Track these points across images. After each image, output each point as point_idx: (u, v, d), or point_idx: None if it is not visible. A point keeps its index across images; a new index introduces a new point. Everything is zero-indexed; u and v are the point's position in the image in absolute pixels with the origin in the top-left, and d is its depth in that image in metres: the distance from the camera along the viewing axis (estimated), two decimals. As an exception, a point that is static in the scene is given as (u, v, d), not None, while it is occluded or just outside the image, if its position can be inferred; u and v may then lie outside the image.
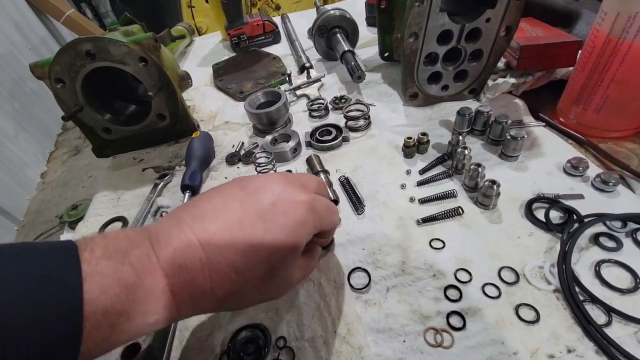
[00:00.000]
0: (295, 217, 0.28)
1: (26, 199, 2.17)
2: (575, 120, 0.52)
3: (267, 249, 0.26)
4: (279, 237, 0.26)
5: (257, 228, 0.26)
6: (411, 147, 0.53)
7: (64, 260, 0.20)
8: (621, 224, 0.39)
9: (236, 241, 0.25)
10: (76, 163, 2.69)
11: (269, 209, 0.27)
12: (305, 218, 0.28)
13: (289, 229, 0.27)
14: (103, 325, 0.20)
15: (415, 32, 0.53)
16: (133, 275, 0.22)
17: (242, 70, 0.87)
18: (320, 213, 0.30)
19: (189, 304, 0.24)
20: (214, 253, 0.25)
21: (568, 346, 0.32)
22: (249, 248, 0.25)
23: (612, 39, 0.44)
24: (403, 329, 0.35)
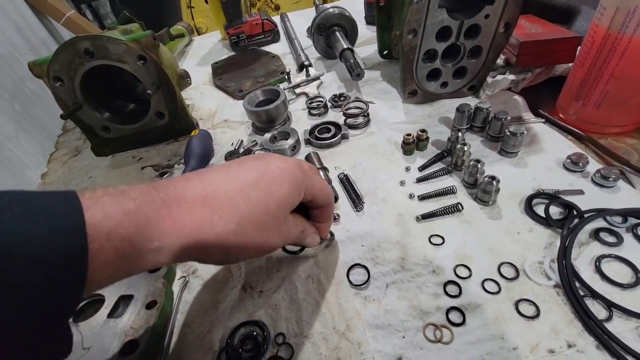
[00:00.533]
0: (290, 167, 0.31)
1: (26, 200, 2.17)
2: (574, 116, 0.52)
3: (263, 190, 0.29)
4: (274, 182, 0.29)
5: (252, 170, 0.30)
6: (410, 144, 0.53)
7: (64, 197, 0.21)
8: (621, 219, 0.39)
9: (233, 179, 0.28)
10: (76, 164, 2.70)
11: (261, 163, 0.31)
12: (296, 171, 0.31)
13: (282, 177, 0.30)
14: (107, 249, 0.21)
15: (414, 28, 0.53)
16: (134, 205, 0.23)
17: (241, 69, 0.87)
18: (313, 174, 0.34)
19: (191, 235, 0.25)
20: (214, 188, 0.27)
21: (568, 341, 0.31)
22: (245, 184, 0.28)
23: (611, 34, 0.44)
24: (402, 325, 0.35)
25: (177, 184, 0.27)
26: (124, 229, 0.22)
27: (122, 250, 0.22)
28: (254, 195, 0.28)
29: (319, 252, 0.43)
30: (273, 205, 0.29)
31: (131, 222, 0.22)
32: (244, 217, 0.27)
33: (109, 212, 0.22)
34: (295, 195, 0.31)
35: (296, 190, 0.31)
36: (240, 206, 0.27)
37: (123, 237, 0.22)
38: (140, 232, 0.23)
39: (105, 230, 0.21)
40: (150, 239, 0.23)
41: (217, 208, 0.26)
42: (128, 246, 0.22)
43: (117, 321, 0.36)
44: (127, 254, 0.22)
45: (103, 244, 0.21)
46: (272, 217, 0.29)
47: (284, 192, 0.30)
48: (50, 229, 0.19)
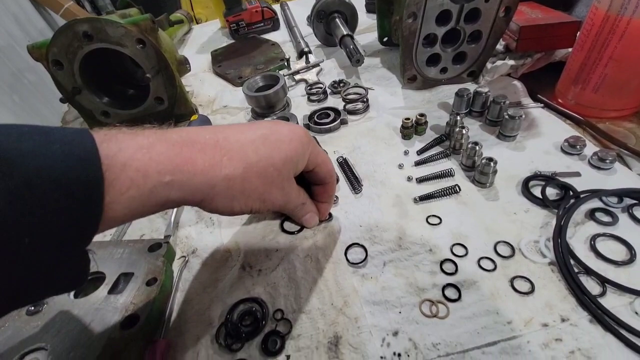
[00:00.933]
0: (298, 129, 0.33)
1: (27, 191, 2.17)
2: (573, 100, 0.52)
3: (271, 145, 0.30)
4: (282, 140, 0.31)
5: (261, 128, 0.31)
6: (409, 128, 0.53)
7: (79, 131, 0.22)
8: (617, 200, 0.40)
9: (244, 132, 0.30)
10: (76, 156, 2.69)
11: (271, 124, 0.33)
12: (304, 134, 0.33)
13: (290, 136, 0.32)
14: (122, 179, 0.22)
15: (414, 12, 0.53)
16: (147, 141, 0.24)
17: (240, 57, 0.87)
18: (314, 142, 0.35)
19: (201, 172, 0.26)
20: (224, 136, 0.29)
21: (562, 315, 0.32)
22: (256, 137, 0.30)
23: (610, 16, 0.44)
24: (399, 301, 0.35)
25: (190, 129, 0.28)
26: (138, 161, 0.23)
27: (136, 181, 0.23)
28: (262, 148, 0.30)
29: (317, 232, 0.43)
30: (279, 160, 0.30)
31: (145, 155, 0.24)
32: (250, 164, 0.29)
33: (123, 145, 0.23)
34: (300, 155, 0.32)
35: (302, 151, 0.32)
36: (248, 154, 0.29)
37: (138, 168, 0.23)
38: (154, 165, 0.24)
39: (120, 161, 0.22)
40: (163, 172, 0.24)
41: (227, 151, 0.28)
42: (142, 178, 0.23)
43: (118, 297, 0.37)
44: (141, 185, 0.23)
45: (118, 173, 0.22)
46: (277, 171, 0.31)
47: (291, 150, 0.31)
48: (66, 154, 0.20)
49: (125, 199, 0.23)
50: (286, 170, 0.32)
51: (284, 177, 0.32)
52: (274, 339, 0.34)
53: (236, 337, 0.34)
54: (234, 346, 0.34)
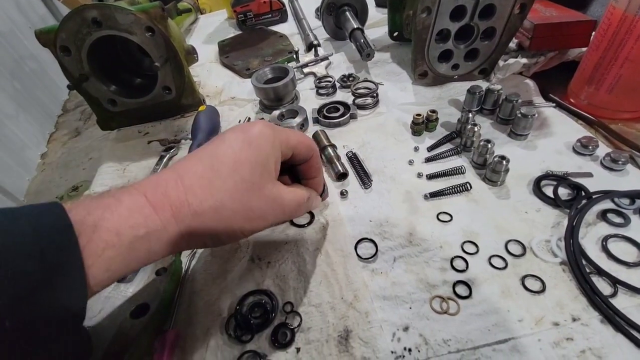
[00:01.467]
0: (253, 129, 0.30)
1: (26, 179, 2.16)
2: (586, 100, 0.52)
3: (231, 160, 0.28)
4: (239, 152, 0.28)
5: (218, 146, 0.29)
6: (420, 124, 0.53)
7: (48, 205, 0.22)
8: (629, 201, 0.39)
9: (202, 158, 0.28)
10: (77, 144, 2.68)
11: (227, 134, 0.30)
12: (262, 130, 0.30)
13: (247, 142, 0.29)
14: (96, 242, 0.22)
15: (428, 6, 0.52)
16: (113, 199, 0.24)
17: (248, 48, 0.86)
18: (283, 131, 0.32)
19: (169, 215, 0.26)
20: (184, 170, 0.27)
21: (573, 315, 0.32)
22: (213, 161, 0.28)
23: (628, 17, 0.43)
24: (409, 297, 0.35)
25: (150, 177, 0.28)
26: (108, 220, 0.23)
27: (111, 241, 0.22)
28: (224, 168, 0.27)
29: (326, 225, 0.43)
30: (247, 172, 0.28)
31: (113, 213, 0.23)
32: (218, 190, 0.27)
33: (90, 208, 0.23)
34: (270, 154, 0.29)
35: (270, 149, 0.29)
36: (213, 181, 0.27)
37: (109, 227, 0.22)
38: (124, 221, 0.23)
39: (90, 223, 0.22)
40: (135, 226, 0.24)
41: (190, 187, 0.26)
42: (116, 236, 0.23)
43: (128, 286, 0.37)
44: (117, 243, 0.23)
45: (90, 236, 0.21)
46: (250, 183, 0.28)
47: (256, 155, 0.28)
48: (33, 225, 0.20)
49: (104, 260, 0.22)
50: (259, 177, 0.28)
51: (261, 185, 0.29)
52: (284, 331, 0.34)
53: (246, 328, 0.34)
54: (244, 337, 0.34)
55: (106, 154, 0.63)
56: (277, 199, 0.30)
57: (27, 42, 2.12)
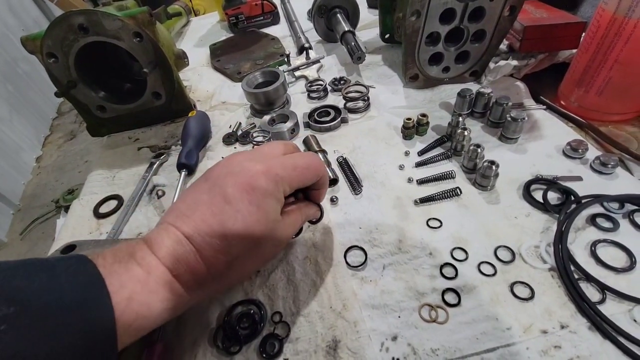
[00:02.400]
0: (258, 190, 0.29)
1: (22, 183, 2.15)
2: (576, 103, 0.52)
3: (241, 229, 0.28)
4: (248, 216, 0.29)
5: (226, 213, 0.28)
6: (410, 128, 0.53)
7: (83, 265, 0.24)
8: (618, 205, 0.39)
9: (213, 228, 0.28)
10: (72, 147, 2.67)
11: (231, 192, 0.29)
12: (266, 186, 0.29)
13: (255, 204, 0.29)
14: (128, 314, 0.23)
15: (417, 10, 0.52)
16: (142, 271, 0.26)
17: (240, 51, 0.85)
18: (285, 171, 0.31)
19: (194, 287, 0.28)
20: (199, 243, 0.28)
21: (561, 322, 0.32)
22: (225, 232, 0.28)
23: (617, 18, 0.43)
24: (398, 305, 0.35)
25: (164, 244, 0.27)
26: (139, 296, 0.25)
27: (142, 313, 0.24)
28: (236, 238, 0.28)
29: (315, 233, 0.43)
30: (258, 234, 0.29)
31: (144, 288, 0.25)
32: (235, 258, 0.29)
33: (123, 280, 0.24)
34: (276, 209, 0.31)
35: (276, 205, 0.30)
36: (228, 251, 0.28)
37: (141, 302, 0.25)
38: (155, 297, 0.26)
39: (125, 296, 0.24)
40: (164, 299, 0.26)
41: (208, 259, 0.28)
42: (147, 310, 0.25)
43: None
44: (147, 315, 0.25)
45: (124, 310, 0.23)
46: (263, 243, 0.30)
47: (265, 218, 0.29)
48: (76, 295, 0.22)
49: (134, 329, 0.24)
50: (268, 234, 0.30)
51: (269, 238, 0.30)
52: (272, 342, 0.34)
53: (234, 339, 0.34)
54: (232, 349, 0.34)
55: (96, 161, 0.63)
56: (283, 239, 0.33)
57: (20, 44, 2.13)
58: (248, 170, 0.30)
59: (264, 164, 0.30)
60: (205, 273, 0.28)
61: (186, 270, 0.27)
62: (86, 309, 0.22)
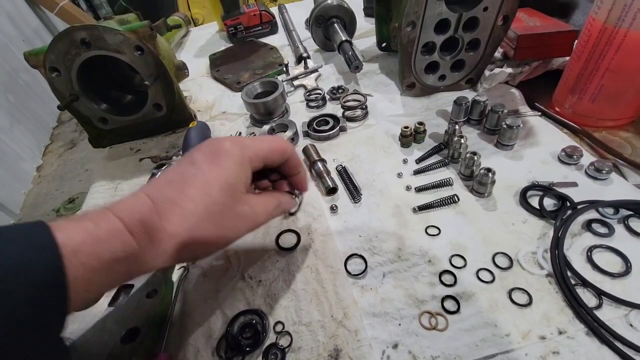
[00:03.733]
0: (221, 151, 0.31)
1: (22, 192, 2.15)
2: (570, 109, 0.53)
3: (199, 183, 0.29)
4: (208, 172, 0.30)
5: (188, 170, 0.30)
6: (408, 136, 0.53)
7: (33, 224, 0.24)
8: (613, 211, 0.40)
9: (171, 181, 0.29)
10: (72, 156, 2.67)
11: (197, 155, 0.31)
12: (230, 149, 0.31)
13: (216, 163, 0.30)
14: (76, 265, 0.23)
15: (412, 20, 0.53)
16: (92, 224, 0.25)
17: (239, 61, 0.86)
18: (253, 142, 0.33)
19: (146, 239, 0.27)
20: (157, 195, 0.28)
21: (559, 328, 0.32)
22: (183, 184, 0.29)
23: (608, 28, 0.44)
24: (398, 313, 0.35)
25: (127, 200, 0.28)
26: (88, 246, 0.24)
27: (90, 264, 0.24)
28: (194, 192, 0.29)
29: (315, 240, 0.43)
30: (217, 192, 0.29)
31: (93, 239, 0.24)
32: (191, 214, 0.28)
33: (71, 234, 0.24)
34: (239, 172, 0.31)
35: (238, 167, 0.31)
36: (185, 206, 0.28)
37: (89, 252, 0.24)
38: (104, 247, 0.25)
39: (72, 248, 0.23)
40: (114, 250, 0.25)
41: (163, 213, 0.28)
42: (95, 260, 0.24)
43: (118, 310, 0.37)
44: (96, 267, 0.24)
45: (71, 260, 0.23)
46: (221, 204, 0.29)
47: (224, 176, 0.30)
48: (23, 248, 0.22)
49: (83, 281, 0.23)
50: (228, 195, 0.30)
51: (232, 204, 0.30)
52: (275, 351, 0.34)
53: (237, 349, 0.34)
54: (235, 359, 0.34)
55: (98, 172, 0.63)
56: (248, 213, 0.32)
57: (21, 55, 2.14)
58: (217, 140, 0.32)
59: (230, 138, 0.33)
60: (159, 226, 0.27)
61: (139, 221, 0.27)
62: (35, 269, 0.21)
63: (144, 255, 0.27)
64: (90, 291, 0.24)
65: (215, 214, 0.29)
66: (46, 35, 2.72)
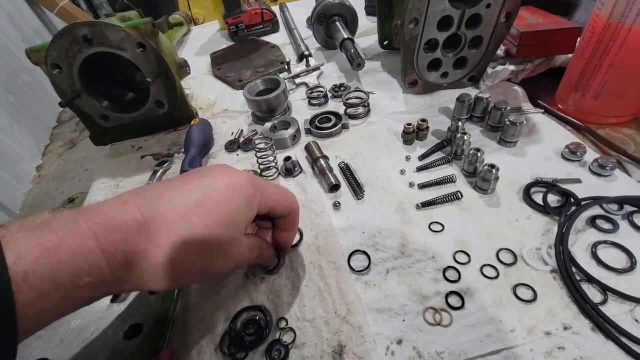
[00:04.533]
0: (238, 184, 0.28)
1: (22, 192, 2.15)
2: (573, 106, 0.53)
3: (207, 210, 0.26)
4: (218, 207, 0.27)
5: (197, 191, 0.27)
6: (410, 133, 0.53)
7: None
8: (617, 207, 0.40)
9: (174, 201, 0.25)
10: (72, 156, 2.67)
11: (209, 181, 0.28)
12: (247, 188, 0.29)
13: (228, 200, 0.27)
14: (26, 292, 0.19)
15: (415, 17, 0.53)
16: (55, 237, 0.21)
17: (240, 59, 0.86)
18: (266, 185, 0.31)
19: (122, 263, 0.23)
20: (150, 211, 0.24)
21: (564, 323, 0.32)
22: (187, 205, 0.25)
23: (611, 24, 0.44)
24: (402, 309, 0.35)
25: (110, 209, 0.24)
26: (43, 267, 0.20)
27: (44, 290, 0.20)
28: (197, 220, 0.25)
29: (318, 238, 0.43)
30: (218, 229, 0.26)
31: (51, 258, 0.20)
32: (184, 242, 0.25)
33: (23, 250, 0.20)
34: (245, 213, 0.29)
35: (246, 208, 0.29)
36: (180, 232, 0.25)
37: (43, 275, 0.20)
38: (64, 269, 0.21)
39: (21, 270, 0.19)
40: (77, 274, 0.21)
41: (153, 236, 0.24)
42: (51, 285, 0.20)
43: (121, 305, 0.36)
44: (52, 294, 0.20)
45: (20, 285, 0.19)
46: (218, 241, 0.27)
47: (231, 213, 0.27)
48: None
49: (35, 310, 0.19)
50: (229, 236, 0.27)
51: (228, 243, 0.27)
52: (278, 347, 0.34)
53: (240, 346, 0.34)
54: (238, 355, 0.34)
55: (99, 169, 0.63)
56: (236, 256, 0.29)
57: (21, 54, 2.16)
58: (234, 172, 0.30)
59: (247, 174, 0.30)
60: (141, 252, 0.23)
61: (119, 242, 0.22)
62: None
63: (113, 280, 0.23)
64: (44, 319, 0.21)
65: (209, 250, 0.27)
66: (46, 35, 2.72)
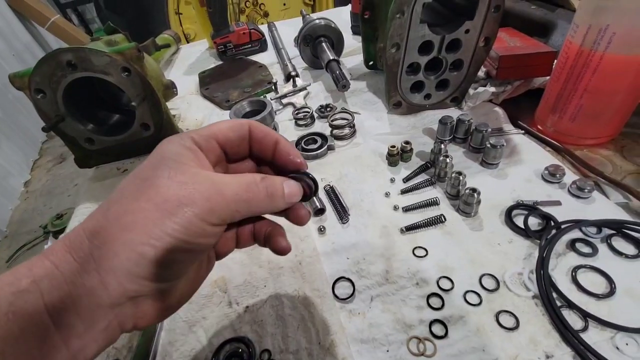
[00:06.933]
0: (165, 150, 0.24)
1: (9, 208, 2.11)
2: (552, 128, 0.54)
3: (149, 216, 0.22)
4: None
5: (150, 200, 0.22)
6: (395, 155, 0.54)
7: None
8: (596, 230, 0.41)
9: (119, 214, 0.22)
10: (61, 171, 2.63)
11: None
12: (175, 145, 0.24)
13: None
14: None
15: (397, 42, 0.54)
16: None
17: (228, 79, 0.87)
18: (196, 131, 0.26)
19: (74, 266, 0.21)
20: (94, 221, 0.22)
21: (546, 352, 0.32)
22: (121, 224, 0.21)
23: (584, 51, 0.46)
24: (386, 339, 0.35)
25: (57, 248, 0.21)
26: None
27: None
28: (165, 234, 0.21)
29: (303, 261, 0.43)
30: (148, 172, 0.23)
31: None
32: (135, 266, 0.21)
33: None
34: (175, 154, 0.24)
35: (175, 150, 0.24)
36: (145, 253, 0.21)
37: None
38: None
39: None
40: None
41: (107, 273, 0.21)
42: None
43: (99, 341, 0.35)
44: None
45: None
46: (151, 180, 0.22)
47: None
48: None
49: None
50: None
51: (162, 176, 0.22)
52: (261, 382, 0.33)
53: (222, 381, 0.34)
54: (220, 391, 0.33)
55: (83, 194, 0.62)
56: (203, 180, 0.23)
57: (10, 69, 2.16)
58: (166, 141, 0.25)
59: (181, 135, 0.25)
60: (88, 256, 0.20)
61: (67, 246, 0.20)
62: None
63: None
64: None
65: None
66: (37, 50, 2.71)
